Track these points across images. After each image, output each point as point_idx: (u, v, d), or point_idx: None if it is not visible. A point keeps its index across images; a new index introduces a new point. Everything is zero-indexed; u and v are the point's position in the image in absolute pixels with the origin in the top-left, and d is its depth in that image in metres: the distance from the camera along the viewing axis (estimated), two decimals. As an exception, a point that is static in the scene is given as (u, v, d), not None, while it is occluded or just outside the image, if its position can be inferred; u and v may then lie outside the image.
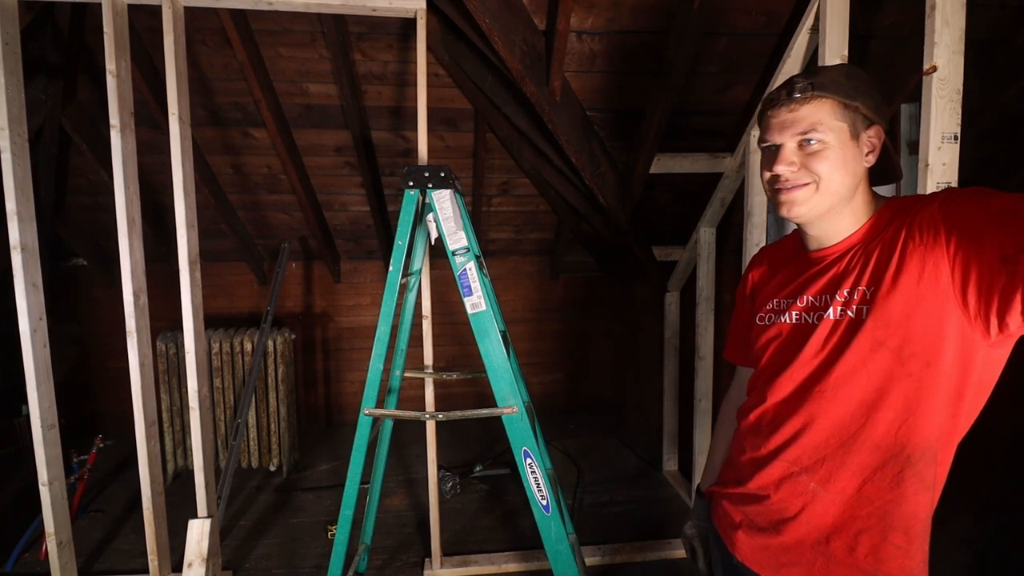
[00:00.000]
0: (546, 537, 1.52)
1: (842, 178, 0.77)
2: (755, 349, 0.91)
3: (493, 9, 1.72)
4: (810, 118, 0.76)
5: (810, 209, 0.79)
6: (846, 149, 0.76)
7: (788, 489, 0.82)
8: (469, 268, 1.48)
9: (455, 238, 1.51)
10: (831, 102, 0.75)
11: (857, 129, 0.77)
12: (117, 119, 1.73)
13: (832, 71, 0.78)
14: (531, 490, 1.52)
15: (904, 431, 0.73)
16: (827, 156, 0.76)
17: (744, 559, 0.87)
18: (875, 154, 0.79)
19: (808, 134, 0.76)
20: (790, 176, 0.78)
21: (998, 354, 0.71)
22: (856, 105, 0.75)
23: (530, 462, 1.52)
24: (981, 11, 1.60)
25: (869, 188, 0.82)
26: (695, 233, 2.56)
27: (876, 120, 0.77)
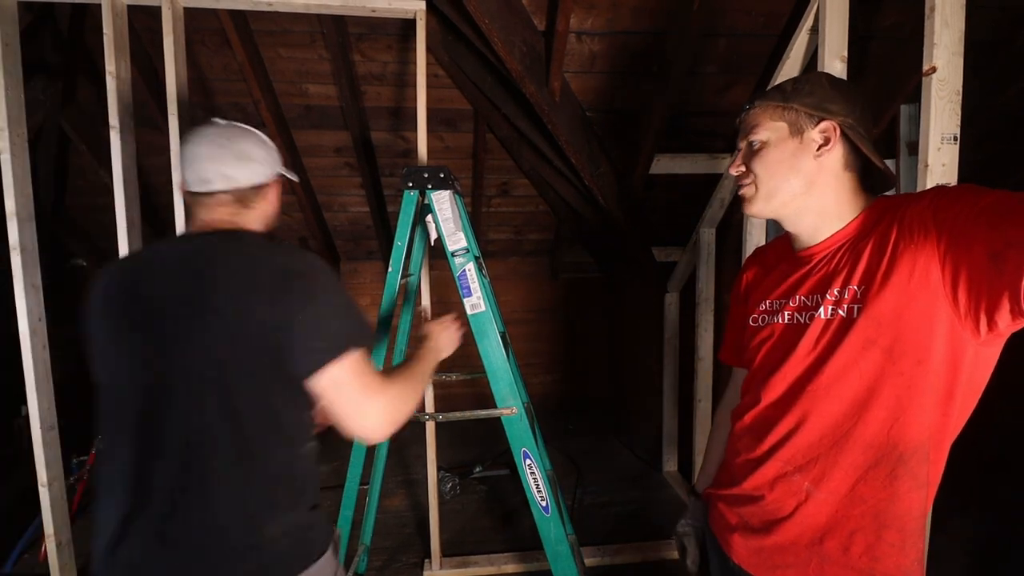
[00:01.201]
0: (546, 538, 1.51)
1: (784, 175, 0.81)
2: (749, 350, 0.91)
3: (493, 10, 1.72)
4: (751, 122, 0.84)
5: (760, 207, 0.85)
6: (785, 145, 0.81)
7: (782, 489, 0.82)
8: (468, 269, 1.48)
9: (454, 239, 1.51)
10: (770, 106, 0.82)
11: (800, 126, 0.80)
12: (116, 120, 1.73)
13: (787, 81, 0.84)
14: (531, 491, 1.51)
15: (896, 430, 0.73)
16: (762, 155, 0.83)
17: (740, 561, 0.87)
18: (829, 147, 0.79)
19: (750, 136, 0.84)
20: (740, 177, 0.87)
21: (988, 353, 0.71)
22: (791, 105, 0.80)
23: (529, 463, 1.52)
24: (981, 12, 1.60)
25: (856, 185, 0.82)
26: (695, 234, 2.56)
27: (824, 115, 0.79)
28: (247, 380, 0.83)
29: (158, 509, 0.80)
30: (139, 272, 0.90)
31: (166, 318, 0.83)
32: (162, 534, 0.79)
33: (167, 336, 0.83)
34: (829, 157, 0.79)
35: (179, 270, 0.87)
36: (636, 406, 3.64)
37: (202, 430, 0.81)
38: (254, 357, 0.83)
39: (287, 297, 0.83)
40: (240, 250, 0.89)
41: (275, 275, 0.85)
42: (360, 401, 0.86)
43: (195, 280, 0.85)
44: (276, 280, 0.84)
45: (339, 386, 0.85)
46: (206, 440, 0.81)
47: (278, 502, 0.85)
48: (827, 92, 0.79)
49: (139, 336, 0.84)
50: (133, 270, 0.91)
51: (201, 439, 0.81)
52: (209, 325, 0.82)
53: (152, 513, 0.80)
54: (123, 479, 0.82)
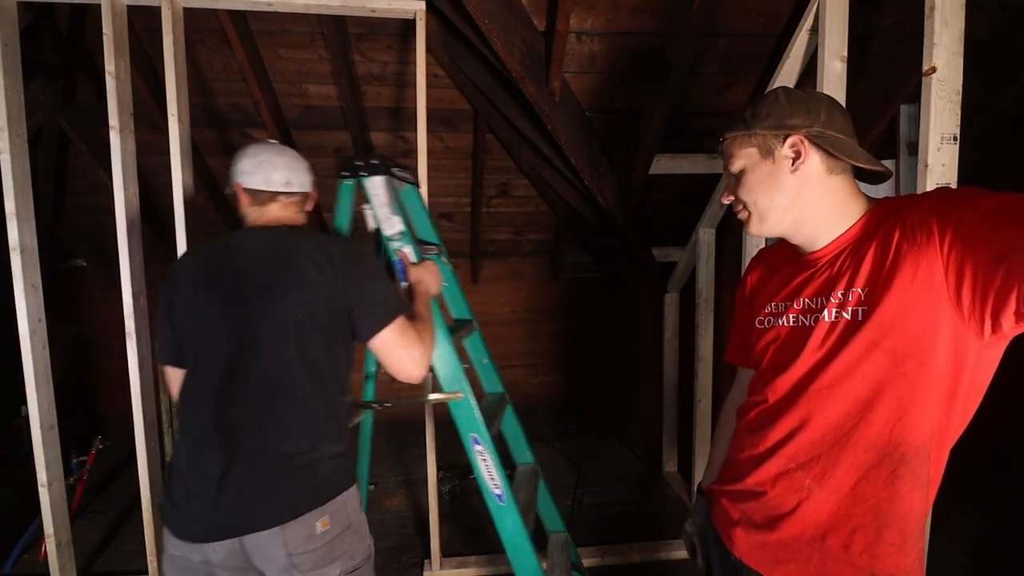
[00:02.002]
0: (502, 528, 1.46)
1: (768, 195, 0.84)
2: (755, 352, 0.92)
3: (492, 10, 1.72)
4: (726, 154, 0.89)
5: (758, 228, 0.88)
6: (760, 168, 0.84)
7: (784, 485, 0.83)
8: (402, 252, 1.46)
9: (389, 223, 1.49)
10: (737, 136, 0.86)
11: (769, 147, 0.83)
12: (116, 120, 1.73)
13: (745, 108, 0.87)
14: (482, 479, 1.45)
15: (898, 430, 0.74)
16: (744, 182, 0.86)
17: (742, 556, 0.88)
18: (802, 160, 0.81)
19: (729, 167, 0.88)
20: (733, 204, 0.90)
21: (991, 355, 0.71)
22: (754, 130, 0.83)
23: (480, 449, 1.47)
24: (981, 12, 1.60)
25: (850, 188, 0.82)
26: (694, 234, 2.56)
27: (788, 132, 0.81)
28: (317, 336, 1.08)
29: (246, 457, 1.02)
30: (227, 253, 1.13)
31: (252, 288, 1.08)
32: (251, 473, 1.02)
33: (254, 301, 1.07)
34: (807, 168, 0.81)
35: (264, 251, 1.11)
36: (636, 406, 3.64)
37: (281, 369, 1.06)
38: (323, 319, 1.09)
39: (350, 275, 1.11)
40: (309, 237, 1.15)
41: (339, 258, 1.11)
42: (407, 354, 1.13)
43: (278, 259, 1.10)
44: (340, 262, 1.11)
45: (390, 344, 1.12)
46: (284, 376, 1.06)
47: (330, 434, 1.11)
48: (784, 109, 0.82)
49: (231, 302, 1.08)
50: (221, 252, 1.13)
51: (280, 376, 1.06)
52: (288, 293, 1.07)
53: (241, 462, 1.02)
54: (212, 422, 1.05)
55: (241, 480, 1.01)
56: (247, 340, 1.06)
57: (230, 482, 1.01)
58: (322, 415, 1.09)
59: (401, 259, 1.47)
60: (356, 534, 1.12)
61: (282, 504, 1.02)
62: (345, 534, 1.09)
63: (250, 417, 1.04)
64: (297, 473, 1.04)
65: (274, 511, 1.01)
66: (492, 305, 3.99)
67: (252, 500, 1.01)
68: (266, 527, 1.00)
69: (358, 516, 1.14)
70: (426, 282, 1.43)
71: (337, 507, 1.08)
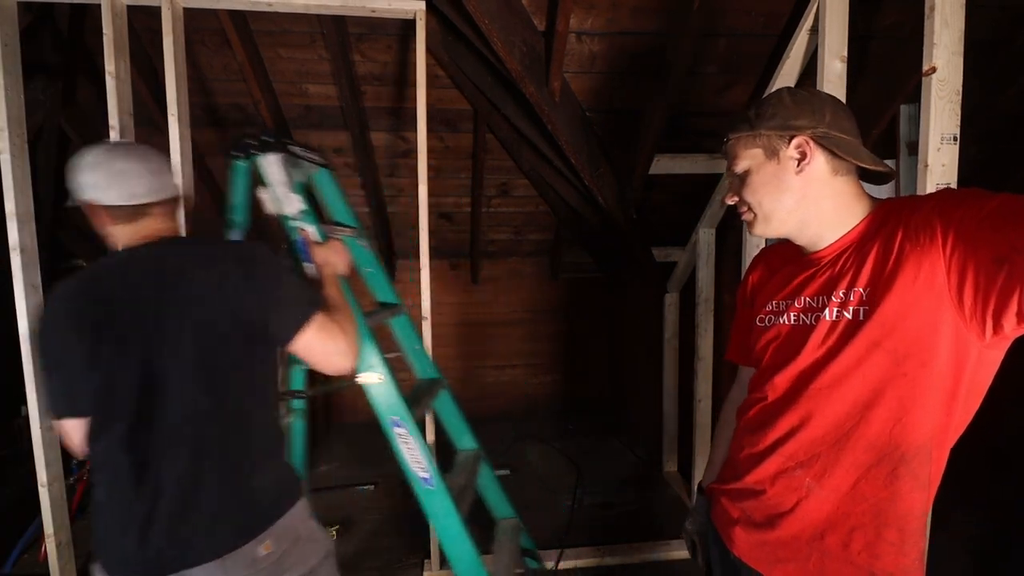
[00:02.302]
0: (431, 513, 1.40)
1: (773, 196, 0.84)
2: (756, 350, 0.92)
3: (492, 10, 1.72)
4: (730, 154, 0.88)
5: (763, 230, 0.87)
6: (764, 169, 0.84)
7: (783, 484, 0.83)
8: (305, 231, 1.37)
9: (288, 202, 1.40)
10: (741, 136, 0.85)
11: (774, 148, 0.83)
12: (116, 120, 1.73)
13: (749, 108, 0.86)
14: (406, 463, 1.39)
15: (898, 430, 0.74)
16: (748, 183, 0.86)
17: (741, 555, 0.88)
18: (807, 161, 0.80)
19: (733, 168, 0.88)
20: (737, 206, 0.90)
21: (992, 355, 0.71)
22: (759, 131, 0.83)
23: (401, 432, 1.40)
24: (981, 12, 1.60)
25: (854, 189, 0.82)
26: (694, 234, 2.56)
27: (793, 133, 0.81)
28: (229, 357, 0.97)
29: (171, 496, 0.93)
30: (105, 284, 0.97)
31: (147, 318, 0.94)
32: (180, 516, 0.92)
33: (153, 333, 0.94)
34: (813, 169, 0.81)
35: (147, 274, 0.97)
36: (636, 406, 3.64)
37: (195, 409, 0.94)
38: (234, 337, 0.97)
39: (253, 280, 0.99)
40: (198, 247, 1.03)
41: (235, 264, 0.99)
42: (332, 347, 1.06)
43: (168, 280, 0.96)
44: (238, 268, 0.99)
45: (312, 343, 1.04)
46: (201, 415, 0.95)
47: (262, 459, 1.02)
48: (789, 110, 0.81)
49: (126, 339, 0.93)
50: (98, 284, 0.98)
51: (196, 415, 0.95)
52: (188, 317, 0.95)
53: (167, 500, 0.92)
54: (131, 476, 0.93)
55: (170, 518, 0.92)
56: (153, 380, 0.93)
57: (157, 519, 0.92)
58: (252, 444, 1.01)
59: (304, 239, 1.37)
60: (308, 541, 1.07)
61: (217, 539, 0.93)
62: (293, 549, 1.02)
63: (170, 461, 0.93)
64: (232, 504, 0.96)
65: (210, 546, 0.93)
66: (492, 305, 3.99)
67: (185, 538, 0.92)
68: (202, 563, 0.91)
69: (307, 525, 1.09)
70: (333, 263, 1.35)
71: (281, 529, 1.00)
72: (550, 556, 2.24)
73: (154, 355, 0.94)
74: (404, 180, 3.12)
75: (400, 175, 3.10)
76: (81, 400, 0.96)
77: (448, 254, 3.81)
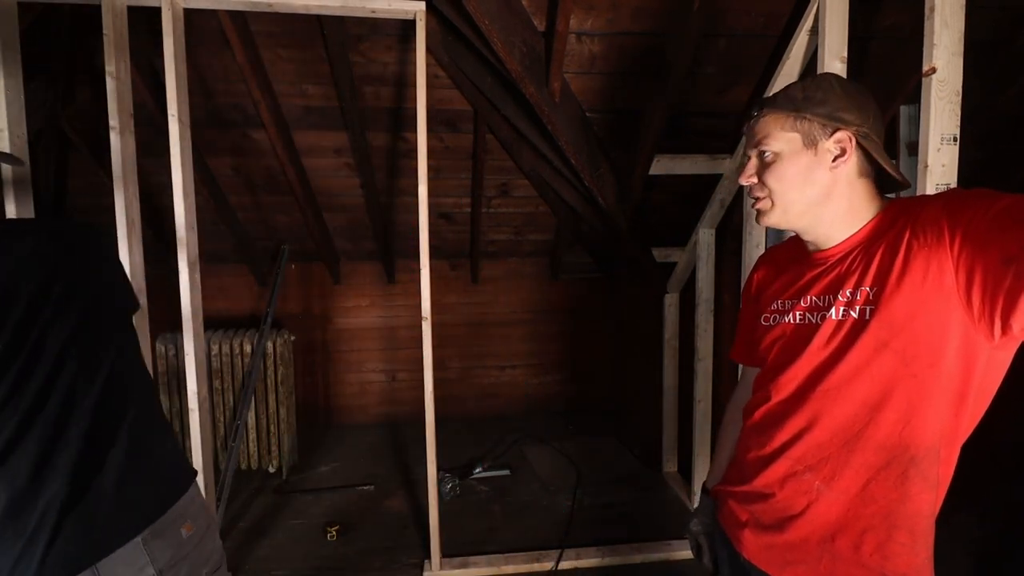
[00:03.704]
0: None
1: (800, 188, 0.80)
2: (760, 349, 0.92)
3: (493, 10, 1.73)
4: (762, 132, 0.82)
5: (776, 220, 0.84)
6: (799, 157, 0.79)
7: (792, 487, 0.82)
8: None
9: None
10: (780, 115, 0.80)
11: (814, 137, 0.79)
12: (116, 121, 1.73)
13: (795, 86, 0.81)
14: None
15: (907, 431, 0.73)
16: (777, 168, 0.81)
17: (751, 557, 0.88)
18: (845, 158, 0.78)
19: (761, 146, 0.82)
20: (753, 188, 0.85)
21: (1001, 356, 0.71)
22: (805, 115, 0.78)
23: None
24: (981, 12, 1.60)
25: (870, 190, 0.82)
26: (694, 234, 2.56)
27: (838, 126, 0.77)
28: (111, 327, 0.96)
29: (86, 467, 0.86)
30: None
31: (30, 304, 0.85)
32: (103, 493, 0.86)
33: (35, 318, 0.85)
34: (847, 167, 0.79)
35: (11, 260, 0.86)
36: (636, 406, 3.64)
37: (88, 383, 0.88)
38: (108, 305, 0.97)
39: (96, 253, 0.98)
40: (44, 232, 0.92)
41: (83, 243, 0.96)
42: None
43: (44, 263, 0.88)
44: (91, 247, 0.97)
45: None
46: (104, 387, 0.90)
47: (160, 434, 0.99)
48: (840, 100, 0.77)
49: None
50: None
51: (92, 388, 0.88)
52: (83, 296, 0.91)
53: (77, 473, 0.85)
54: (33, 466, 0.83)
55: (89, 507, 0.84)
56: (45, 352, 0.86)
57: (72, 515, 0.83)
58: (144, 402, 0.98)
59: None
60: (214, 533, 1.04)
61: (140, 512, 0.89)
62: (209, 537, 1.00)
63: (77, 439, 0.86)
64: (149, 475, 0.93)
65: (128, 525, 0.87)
66: (492, 305, 3.99)
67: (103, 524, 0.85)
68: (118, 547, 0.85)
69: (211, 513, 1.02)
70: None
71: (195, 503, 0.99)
72: (550, 556, 2.24)
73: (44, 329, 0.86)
74: (404, 180, 3.13)
75: (400, 175, 3.10)
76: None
77: (448, 254, 3.81)
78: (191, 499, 0.98)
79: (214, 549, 1.02)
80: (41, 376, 0.84)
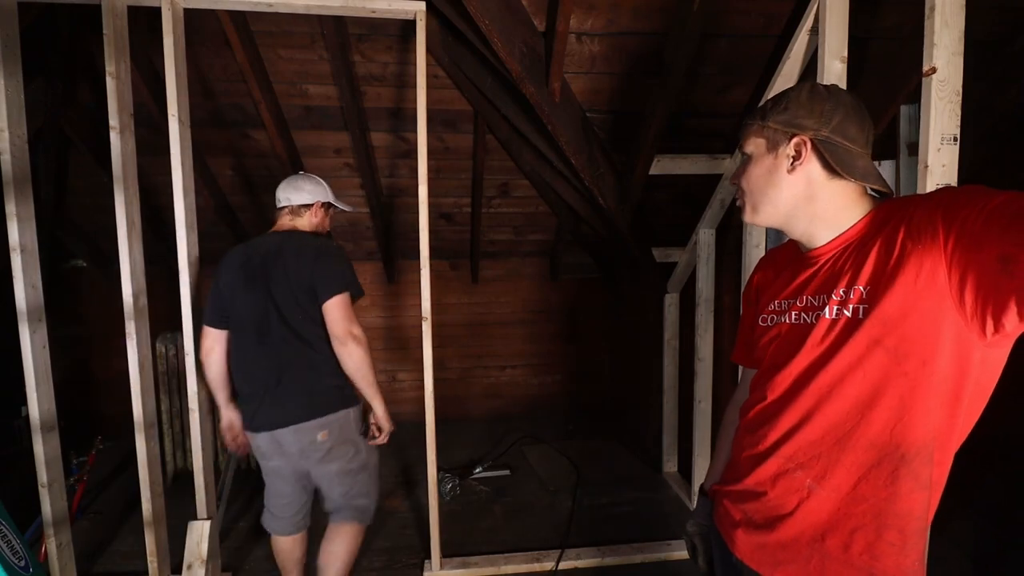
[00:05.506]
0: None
1: (763, 189, 0.86)
2: (758, 349, 0.92)
3: (493, 11, 1.73)
4: (744, 136, 0.90)
5: (751, 217, 0.90)
6: (763, 160, 0.86)
7: (784, 485, 0.83)
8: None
9: None
10: (754, 125, 0.87)
11: (776, 142, 0.84)
12: (116, 120, 1.73)
13: (771, 98, 0.87)
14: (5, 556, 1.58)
15: (899, 430, 0.73)
16: (747, 171, 0.89)
17: (743, 557, 0.88)
18: (801, 161, 0.81)
19: (743, 150, 0.90)
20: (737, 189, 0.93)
21: (996, 355, 0.71)
22: (766, 124, 0.84)
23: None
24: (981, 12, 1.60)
25: (852, 190, 0.82)
26: (694, 235, 2.56)
27: (795, 131, 0.82)
28: (301, 303, 1.62)
29: (275, 378, 1.62)
30: (253, 250, 1.68)
31: (265, 275, 1.63)
32: (276, 394, 1.62)
33: (267, 285, 1.62)
34: (808, 169, 0.82)
35: (270, 250, 1.66)
36: (636, 406, 3.64)
37: (286, 333, 1.62)
38: (303, 291, 1.62)
39: (318, 263, 1.63)
40: (294, 239, 1.70)
41: (312, 251, 1.66)
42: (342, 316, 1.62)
43: (277, 255, 1.65)
44: (312, 255, 1.65)
45: (333, 307, 1.61)
46: (290, 337, 1.62)
47: (328, 369, 1.65)
48: (802, 107, 0.82)
49: (253, 285, 1.63)
50: (249, 249, 1.69)
51: (287, 337, 1.62)
52: (284, 277, 1.62)
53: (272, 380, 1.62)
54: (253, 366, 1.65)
55: (275, 398, 1.61)
56: (266, 313, 1.62)
57: (268, 399, 1.62)
58: (317, 356, 1.63)
59: None
60: (351, 446, 1.69)
61: (291, 414, 1.61)
62: (340, 447, 1.67)
63: (276, 358, 1.62)
64: (302, 395, 1.61)
65: (287, 417, 1.60)
66: (492, 306, 3.99)
67: (278, 411, 1.61)
68: (284, 426, 1.60)
69: (356, 435, 1.71)
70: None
71: (334, 424, 1.64)
72: (551, 556, 2.24)
73: (269, 296, 1.61)
74: (404, 180, 3.13)
75: (400, 175, 3.10)
76: (223, 316, 1.68)
77: (448, 254, 3.81)
78: (332, 419, 1.63)
79: (346, 456, 1.69)
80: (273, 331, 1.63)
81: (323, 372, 1.62)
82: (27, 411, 1.79)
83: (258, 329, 1.62)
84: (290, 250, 1.63)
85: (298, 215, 1.76)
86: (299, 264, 1.60)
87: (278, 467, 1.69)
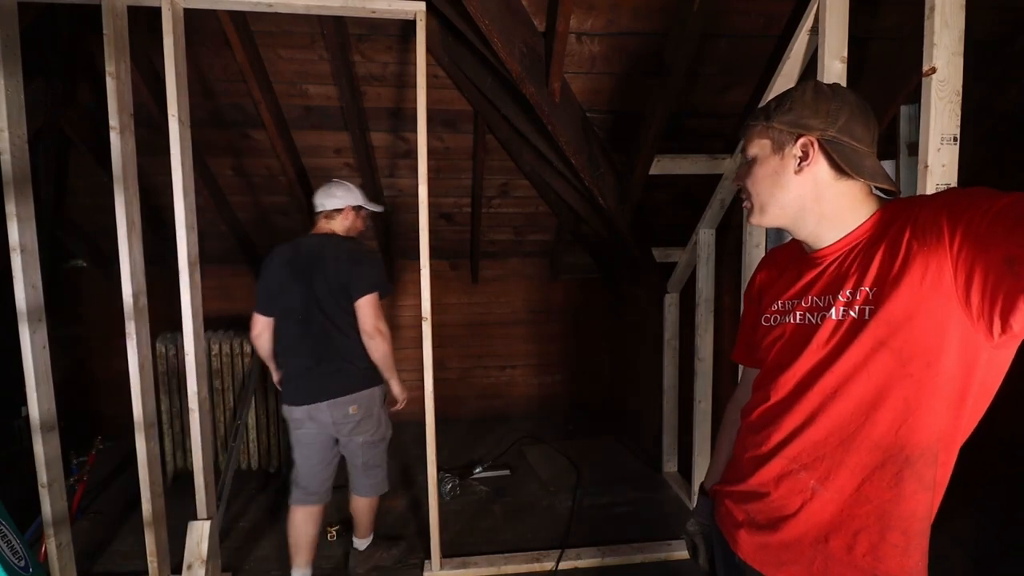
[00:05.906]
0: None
1: (770, 190, 0.85)
2: (761, 349, 0.92)
3: (493, 11, 1.73)
4: (747, 138, 0.89)
5: (758, 219, 0.89)
6: (769, 162, 0.85)
7: (788, 486, 0.82)
8: None
9: None
10: (758, 126, 0.87)
11: (781, 143, 0.83)
12: (116, 120, 1.73)
13: (774, 98, 0.87)
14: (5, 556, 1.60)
15: (904, 431, 0.73)
16: (751, 171, 0.88)
17: (746, 557, 0.88)
18: (808, 162, 0.81)
19: (745, 152, 0.89)
20: (742, 190, 0.92)
21: (1002, 356, 0.70)
22: (772, 124, 0.83)
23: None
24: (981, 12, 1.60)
25: (859, 190, 0.82)
26: (694, 235, 2.56)
27: (801, 132, 0.81)
28: (337, 299, 1.90)
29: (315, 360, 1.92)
30: (298, 250, 1.96)
31: (308, 272, 1.91)
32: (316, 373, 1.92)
33: (310, 281, 1.90)
34: (815, 170, 0.81)
35: (312, 252, 1.94)
36: (636, 407, 3.64)
37: (325, 322, 1.91)
38: (339, 289, 1.90)
39: (353, 265, 1.91)
40: (332, 243, 1.97)
41: (348, 255, 1.93)
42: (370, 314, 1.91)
43: (318, 255, 1.92)
44: (348, 257, 1.92)
45: (364, 305, 1.91)
46: (328, 326, 1.91)
47: (359, 353, 1.94)
48: (807, 107, 0.81)
49: (299, 280, 1.91)
50: (295, 248, 1.97)
51: (325, 326, 1.91)
52: (324, 276, 1.90)
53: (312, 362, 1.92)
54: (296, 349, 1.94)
55: (313, 376, 1.91)
56: (309, 305, 1.90)
57: (307, 377, 1.92)
58: (351, 344, 1.92)
59: None
60: (375, 420, 2.01)
61: (330, 390, 1.90)
62: (366, 420, 1.98)
63: (316, 344, 1.91)
64: (340, 375, 1.92)
65: (324, 393, 1.90)
66: (492, 306, 3.99)
67: (316, 387, 1.90)
68: (323, 400, 1.90)
69: (379, 410, 2.03)
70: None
71: (363, 400, 1.95)
72: (551, 556, 2.24)
73: (311, 291, 1.90)
74: (404, 180, 3.13)
75: (400, 175, 3.10)
76: (271, 305, 1.97)
77: (448, 254, 3.81)
78: (361, 396, 1.94)
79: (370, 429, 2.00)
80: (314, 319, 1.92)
81: (354, 356, 1.92)
82: (27, 411, 1.79)
83: (301, 318, 1.90)
84: (330, 255, 1.90)
85: (332, 218, 2.01)
86: (337, 267, 1.88)
87: (308, 434, 1.96)
